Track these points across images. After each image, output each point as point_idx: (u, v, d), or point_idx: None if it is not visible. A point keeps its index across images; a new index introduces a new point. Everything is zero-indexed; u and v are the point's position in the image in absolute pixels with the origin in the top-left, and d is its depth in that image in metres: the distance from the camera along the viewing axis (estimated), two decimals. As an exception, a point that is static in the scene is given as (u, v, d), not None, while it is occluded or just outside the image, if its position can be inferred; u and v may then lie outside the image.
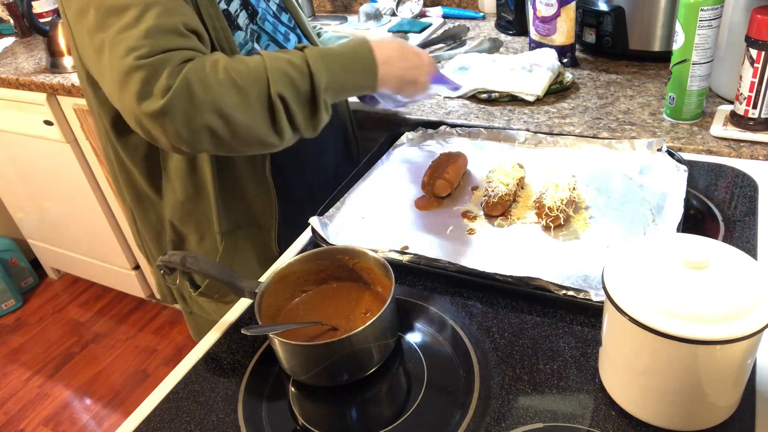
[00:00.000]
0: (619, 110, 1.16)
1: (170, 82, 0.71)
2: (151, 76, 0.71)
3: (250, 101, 0.76)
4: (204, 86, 0.72)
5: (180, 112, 0.72)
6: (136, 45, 0.71)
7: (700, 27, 0.98)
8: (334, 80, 0.82)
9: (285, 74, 0.78)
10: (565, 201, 0.84)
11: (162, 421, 0.66)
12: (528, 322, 0.72)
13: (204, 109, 0.73)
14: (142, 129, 0.75)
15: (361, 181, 1.01)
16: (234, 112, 0.75)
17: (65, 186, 2.07)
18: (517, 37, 1.60)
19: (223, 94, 0.74)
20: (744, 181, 0.91)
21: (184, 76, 0.71)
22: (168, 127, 0.73)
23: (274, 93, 0.76)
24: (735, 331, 0.49)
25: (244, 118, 0.76)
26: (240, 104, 0.75)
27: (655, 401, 0.56)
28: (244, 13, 0.94)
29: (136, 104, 0.72)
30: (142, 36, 0.71)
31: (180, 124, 0.72)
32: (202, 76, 0.73)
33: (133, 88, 0.71)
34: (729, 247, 0.56)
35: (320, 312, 0.72)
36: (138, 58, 0.71)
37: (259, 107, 0.76)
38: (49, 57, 1.80)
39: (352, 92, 0.89)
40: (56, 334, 2.37)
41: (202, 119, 0.73)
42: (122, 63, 0.71)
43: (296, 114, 0.79)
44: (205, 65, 0.74)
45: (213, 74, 0.74)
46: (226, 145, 0.78)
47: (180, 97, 0.71)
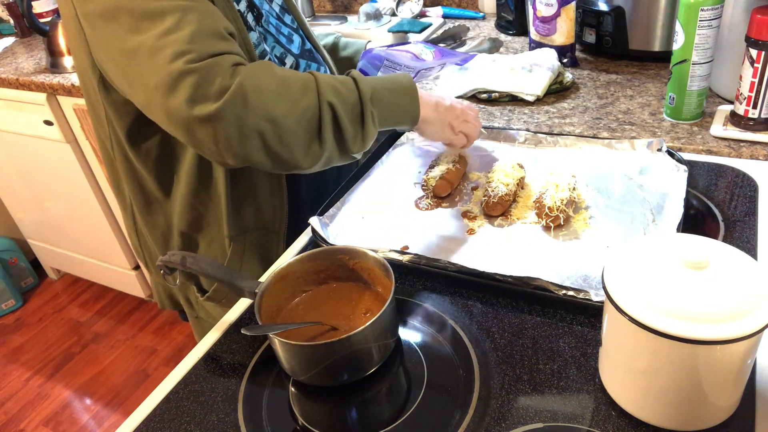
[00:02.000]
0: (619, 110, 1.16)
1: (225, 85, 0.71)
2: (202, 80, 0.70)
3: (300, 108, 0.76)
4: (257, 92, 0.73)
5: (233, 116, 0.71)
6: (183, 49, 0.70)
7: (700, 27, 0.98)
8: (379, 95, 0.83)
9: (333, 86, 0.79)
10: (565, 201, 0.84)
11: (162, 421, 0.66)
12: (528, 322, 0.72)
13: (256, 114, 0.73)
14: (189, 134, 0.74)
15: (361, 181, 1.01)
16: (284, 118, 0.75)
17: (65, 186, 2.07)
18: (517, 37, 1.60)
19: (275, 100, 0.74)
20: (744, 181, 0.91)
21: (239, 81, 0.71)
22: (219, 132, 0.72)
23: (323, 100, 0.77)
24: (735, 331, 0.49)
25: (293, 125, 0.76)
26: (290, 111, 0.75)
27: (655, 401, 0.56)
28: (251, 15, 0.94)
29: (186, 108, 0.71)
30: (188, 40, 0.71)
31: (232, 128, 0.72)
32: (256, 81, 0.73)
33: (184, 92, 0.70)
34: (729, 247, 0.56)
35: (320, 312, 0.72)
36: (188, 62, 0.70)
37: (309, 115, 0.76)
38: (49, 57, 1.80)
39: (397, 113, 0.88)
40: (56, 334, 2.37)
41: (254, 124, 0.73)
42: (170, 67, 0.70)
43: (345, 125, 0.79)
44: (258, 71, 0.74)
45: (266, 80, 0.74)
46: (273, 154, 0.77)
47: (234, 101, 0.71)
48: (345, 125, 0.79)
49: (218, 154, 0.75)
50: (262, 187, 0.97)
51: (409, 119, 0.89)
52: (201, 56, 0.71)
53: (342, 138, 0.80)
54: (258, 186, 0.96)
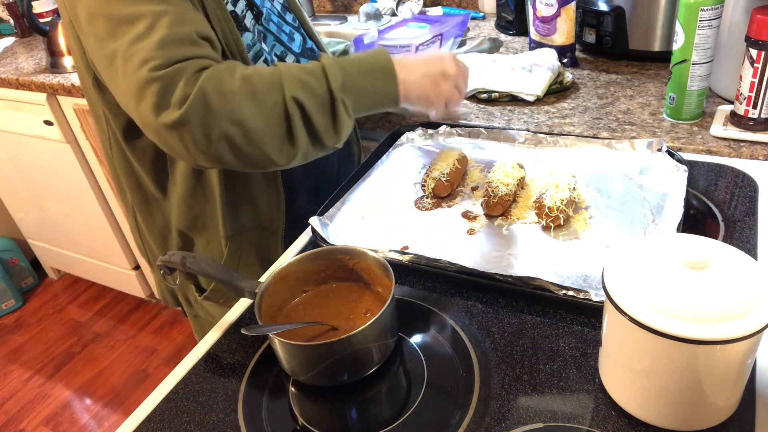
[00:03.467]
0: (619, 110, 1.16)
1: (186, 92, 0.71)
2: (166, 87, 0.71)
3: (266, 108, 0.75)
4: (220, 95, 0.72)
5: (197, 122, 0.72)
6: (150, 56, 0.71)
7: (700, 27, 0.98)
8: (351, 81, 0.80)
9: (299, 79, 0.77)
10: (565, 201, 0.84)
11: (162, 421, 0.66)
12: (528, 322, 0.72)
13: (220, 118, 0.72)
14: (161, 140, 0.75)
15: (361, 181, 1.01)
16: (250, 120, 0.74)
17: (65, 186, 2.07)
18: (517, 37, 1.60)
19: (239, 102, 0.73)
20: (744, 181, 0.91)
21: (200, 86, 0.71)
22: (186, 137, 0.72)
23: (289, 97, 0.75)
24: (735, 331, 0.49)
25: (261, 126, 0.75)
26: (256, 112, 0.74)
27: (655, 401, 0.56)
28: (250, 14, 0.93)
29: (153, 116, 0.72)
30: (156, 47, 0.71)
31: (198, 133, 0.72)
32: (218, 85, 0.72)
33: (150, 100, 0.71)
34: (729, 247, 0.56)
35: (320, 312, 0.72)
36: (152, 70, 0.70)
37: (275, 114, 0.75)
38: (49, 57, 1.80)
39: (373, 98, 0.85)
40: (56, 334, 2.37)
41: (219, 128, 0.73)
42: (137, 75, 0.71)
43: (315, 118, 0.78)
44: (220, 74, 0.73)
45: (229, 83, 0.73)
46: (244, 156, 0.77)
47: (197, 107, 0.71)
48: (315, 119, 0.78)
49: (190, 158, 0.76)
50: (259, 187, 0.97)
51: (388, 102, 0.86)
52: (166, 63, 0.71)
53: (314, 132, 0.79)
54: (254, 186, 0.96)
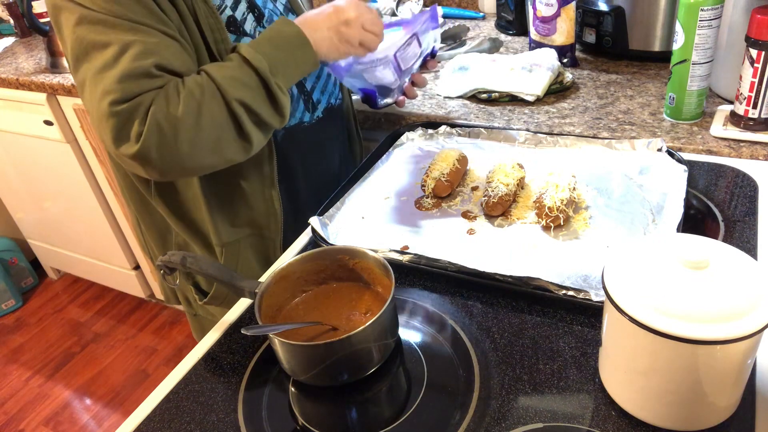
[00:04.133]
0: (619, 110, 1.16)
1: (141, 128, 0.74)
2: (124, 122, 0.74)
3: (215, 117, 0.78)
4: (170, 122, 0.75)
5: (155, 152, 0.75)
6: (110, 89, 0.74)
7: (700, 27, 0.98)
8: (274, 62, 0.82)
9: (232, 78, 0.79)
10: (565, 201, 0.84)
11: (162, 421, 0.66)
12: (528, 322, 0.72)
13: (177, 143, 0.76)
14: (126, 166, 0.80)
15: (361, 181, 1.01)
16: (203, 134, 0.77)
17: (65, 186, 2.07)
18: (517, 37, 1.60)
19: (189, 122, 0.76)
20: (744, 181, 0.91)
21: (151, 119, 0.74)
22: (148, 167, 0.77)
23: (231, 100, 0.78)
24: (735, 331, 0.49)
25: (214, 134, 0.78)
26: (206, 124, 0.77)
27: (655, 401, 0.56)
28: (251, 17, 0.93)
29: (113, 146, 0.76)
30: (116, 80, 0.74)
31: (158, 161, 0.76)
32: (166, 112, 0.75)
33: (109, 132, 0.75)
34: (729, 247, 0.56)
35: (320, 312, 0.72)
36: (112, 104, 0.73)
37: (223, 119, 0.79)
38: (49, 57, 1.80)
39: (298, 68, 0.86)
40: (56, 334, 2.37)
41: (177, 152, 0.76)
42: (99, 106, 0.74)
43: (259, 110, 0.81)
44: (166, 101, 0.75)
45: (175, 107, 0.75)
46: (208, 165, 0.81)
47: (151, 139, 0.74)
48: (260, 110, 0.81)
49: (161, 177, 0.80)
50: (254, 194, 0.96)
51: (310, 66, 0.87)
52: (123, 98, 0.74)
53: (261, 122, 0.82)
54: (249, 194, 0.96)
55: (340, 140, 1.14)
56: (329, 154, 1.12)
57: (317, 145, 1.07)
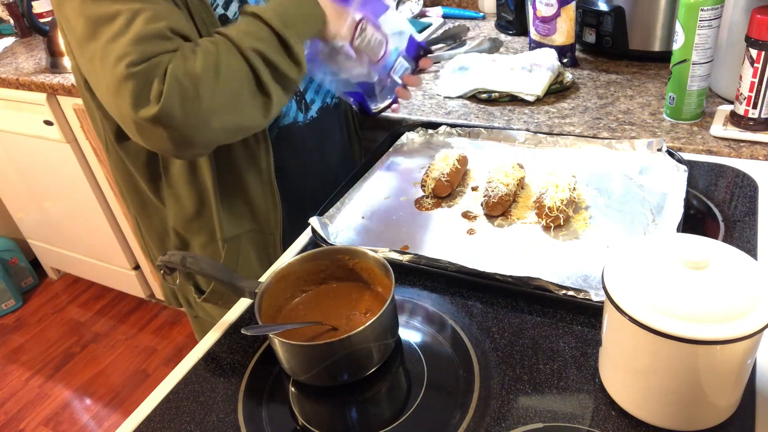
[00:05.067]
0: (619, 110, 1.16)
1: (161, 86, 0.72)
2: (143, 84, 0.71)
3: (233, 70, 0.76)
4: (190, 78, 0.73)
5: (178, 110, 0.72)
6: (125, 52, 0.71)
7: (700, 27, 0.98)
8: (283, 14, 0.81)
9: (245, 32, 0.78)
10: (565, 201, 0.84)
11: (162, 421, 0.66)
12: (528, 322, 0.72)
13: (198, 99, 0.73)
14: (143, 136, 0.75)
15: (361, 181, 1.01)
16: (223, 89, 0.75)
17: (65, 186, 2.07)
18: (517, 37, 1.60)
19: (208, 77, 0.74)
20: (744, 181, 0.91)
21: (170, 76, 0.72)
22: (171, 128, 0.73)
23: (246, 50, 0.77)
24: (735, 331, 0.49)
25: (235, 89, 0.76)
26: (226, 79, 0.75)
27: (655, 401, 0.56)
28: None
29: (132, 112, 0.72)
30: (131, 43, 0.72)
31: (181, 121, 0.73)
32: (185, 68, 0.73)
33: (127, 96, 0.71)
34: (729, 247, 0.56)
35: (320, 312, 0.72)
36: (129, 66, 0.71)
37: (242, 72, 0.77)
38: (49, 57, 1.80)
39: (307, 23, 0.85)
40: (56, 334, 2.37)
41: (199, 108, 0.74)
42: (114, 72, 0.71)
43: (276, 60, 0.79)
44: (183, 58, 0.74)
45: (192, 63, 0.74)
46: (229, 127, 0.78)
47: (173, 96, 0.72)
48: (276, 60, 0.79)
49: (176, 148, 0.76)
50: (253, 189, 0.97)
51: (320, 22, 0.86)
52: (142, 58, 0.72)
53: (280, 73, 0.80)
54: (248, 187, 0.96)
55: (338, 140, 1.14)
56: (327, 154, 1.11)
57: (314, 145, 1.07)
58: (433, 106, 1.27)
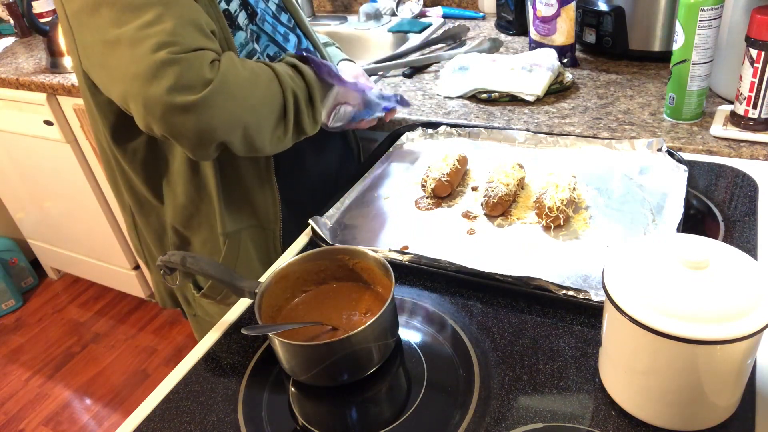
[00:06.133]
0: (619, 110, 1.16)
1: (209, 77, 0.74)
2: (186, 70, 0.72)
3: (269, 96, 0.81)
4: (237, 82, 0.77)
5: (219, 105, 0.75)
6: (167, 40, 0.72)
7: (700, 27, 0.98)
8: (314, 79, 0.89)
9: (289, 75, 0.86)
10: (565, 201, 0.84)
11: (162, 421, 0.66)
12: (528, 322, 0.72)
13: (238, 103, 0.77)
14: (166, 123, 0.75)
15: (362, 181, 1.01)
16: (259, 106, 0.80)
17: (65, 186, 2.07)
18: (517, 37, 1.60)
19: (252, 90, 0.79)
20: (744, 181, 0.91)
21: (222, 72, 0.75)
22: (203, 119, 0.74)
23: (287, 88, 0.83)
24: (735, 331, 0.49)
25: (266, 112, 0.82)
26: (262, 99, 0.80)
27: (655, 401, 0.56)
28: (244, 14, 0.94)
29: (167, 96, 0.72)
30: (171, 32, 0.73)
31: (216, 116, 0.75)
32: (235, 72, 0.77)
33: (167, 81, 0.72)
34: (729, 247, 0.56)
35: (320, 312, 0.72)
36: (172, 53, 0.72)
37: (276, 103, 0.83)
38: (49, 57, 1.80)
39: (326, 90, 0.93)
40: (56, 334, 2.37)
41: (235, 112, 0.77)
42: (153, 57, 0.72)
43: (303, 111, 0.87)
44: (233, 65, 0.78)
45: (242, 71, 0.78)
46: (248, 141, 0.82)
47: (221, 91, 0.74)
48: (303, 110, 0.86)
49: (195, 142, 0.77)
50: (252, 184, 0.97)
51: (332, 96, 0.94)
52: (184, 48, 0.73)
53: (300, 122, 0.87)
54: (248, 183, 0.96)
55: (337, 140, 1.15)
56: (327, 155, 1.12)
57: (314, 146, 1.07)
58: (433, 106, 1.27)
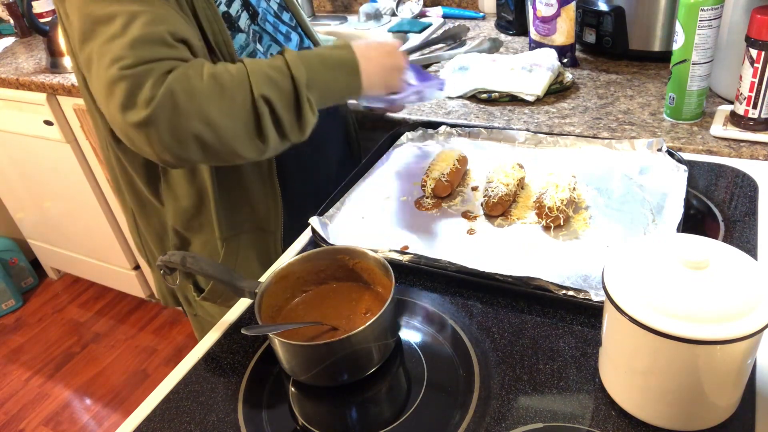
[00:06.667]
0: (619, 110, 1.16)
1: (154, 92, 0.71)
2: (134, 86, 0.70)
3: (235, 106, 0.75)
4: (188, 95, 0.72)
5: (165, 122, 0.72)
6: (120, 55, 0.71)
7: (700, 27, 0.98)
8: (314, 77, 0.81)
9: (266, 76, 0.77)
10: (565, 201, 0.84)
11: (162, 421, 0.66)
12: (528, 322, 0.72)
13: (189, 118, 0.72)
14: (128, 139, 0.75)
15: (361, 181, 1.01)
16: (219, 119, 0.74)
17: (65, 186, 2.07)
18: (517, 37, 1.60)
19: (208, 102, 0.73)
20: (744, 181, 0.91)
21: (167, 86, 0.71)
22: (153, 137, 0.72)
23: (257, 95, 0.76)
24: (735, 331, 0.49)
25: (230, 124, 0.75)
26: (225, 110, 0.74)
27: (655, 401, 0.56)
28: (246, 14, 0.93)
29: (120, 114, 0.72)
30: (127, 46, 0.71)
31: (165, 133, 0.72)
32: (186, 84, 0.72)
33: (117, 98, 0.71)
34: (729, 247, 0.56)
35: (320, 312, 0.72)
36: (122, 69, 0.70)
37: (244, 111, 0.76)
38: (49, 57, 1.80)
39: (337, 92, 0.86)
40: (56, 334, 2.37)
41: (187, 128, 0.73)
42: (107, 73, 0.71)
43: (282, 116, 0.78)
44: (188, 74, 0.73)
45: (197, 82, 0.73)
46: (213, 153, 0.77)
47: (164, 107, 0.71)
48: (282, 116, 0.78)
49: (157, 157, 0.76)
50: (253, 187, 0.96)
51: (351, 94, 0.87)
52: (136, 62, 0.71)
53: (281, 128, 0.80)
54: (249, 186, 0.96)
55: (337, 141, 1.14)
56: (327, 155, 1.11)
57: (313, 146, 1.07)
58: (433, 106, 1.27)
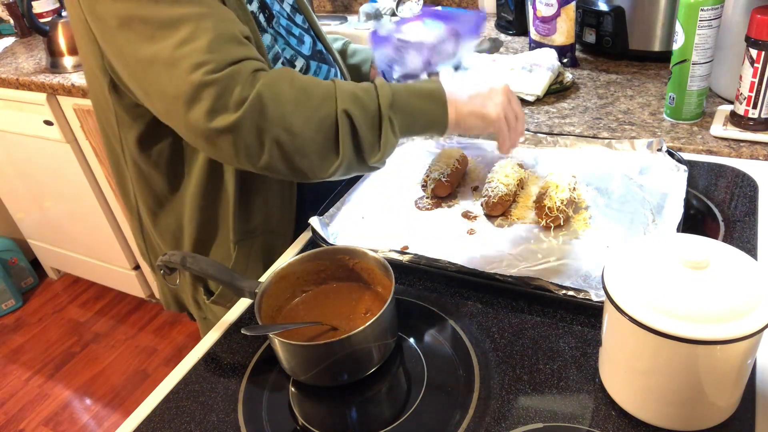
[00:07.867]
0: (619, 110, 1.16)
1: (244, 95, 0.70)
2: (224, 90, 0.69)
3: (318, 118, 0.74)
4: (276, 101, 0.72)
5: (252, 126, 0.71)
6: (202, 60, 0.69)
7: (700, 27, 0.98)
8: (400, 100, 0.79)
9: (352, 93, 0.76)
10: (565, 201, 0.84)
11: (162, 421, 0.66)
12: (528, 322, 0.72)
13: (274, 124, 0.72)
14: (210, 145, 0.74)
15: (361, 181, 1.01)
16: (301, 128, 0.73)
17: (65, 186, 2.07)
18: (517, 37, 1.60)
19: (293, 110, 0.73)
20: (744, 181, 0.91)
21: (257, 91, 0.71)
22: (239, 141, 0.72)
23: (340, 110, 0.75)
24: (735, 331, 0.49)
25: (311, 134, 0.74)
26: (308, 120, 0.74)
27: (655, 401, 0.56)
28: (262, 16, 0.93)
29: (206, 120, 0.70)
30: (206, 50, 0.70)
31: (251, 137, 0.72)
32: (275, 90, 0.72)
33: (205, 104, 0.70)
34: (729, 247, 0.56)
35: (320, 312, 0.72)
36: (207, 73, 0.69)
37: (326, 124, 0.75)
38: (49, 57, 1.80)
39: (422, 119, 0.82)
40: (56, 334, 2.37)
41: (272, 134, 0.72)
42: (189, 79, 0.69)
43: (362, 132, 0.76)
44: (277, 80, 0.73)
45: (285, 89, 0.73)
46: (291, 162, 0.75)
47: (253, 111, 0.70)
48: (362, 134, 0.76)
49: (239, 162, 0.75)
50: (273, 189, 0.96)
51: (436, 124, 0.83)
52: (220, 66, 0.70)
53: (359, 147, 0.78)
54: (269, 188, 0.95)
55: None
56: None
57: None
58: (433, 106, 1.26)
